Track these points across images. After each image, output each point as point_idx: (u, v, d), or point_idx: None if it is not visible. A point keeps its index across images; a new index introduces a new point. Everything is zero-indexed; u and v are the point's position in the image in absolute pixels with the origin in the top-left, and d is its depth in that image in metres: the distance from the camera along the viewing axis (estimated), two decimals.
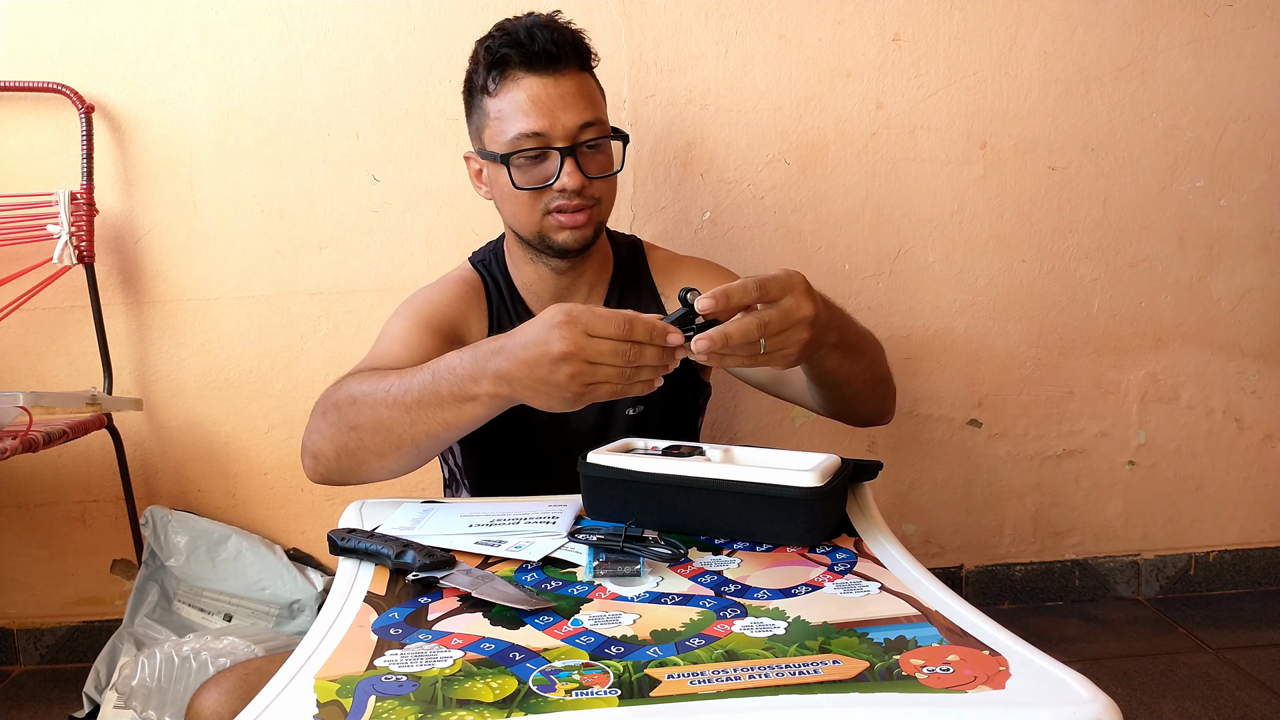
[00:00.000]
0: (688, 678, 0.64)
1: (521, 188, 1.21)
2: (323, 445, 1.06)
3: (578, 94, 1.21)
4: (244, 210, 1.84)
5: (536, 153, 1.20)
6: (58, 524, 1.91)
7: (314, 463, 1.08)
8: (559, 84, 1.20)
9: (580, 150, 1.21)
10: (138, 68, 1.79)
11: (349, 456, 1.05)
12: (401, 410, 0.99)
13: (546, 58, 1.19)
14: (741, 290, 0.86)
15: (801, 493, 0.88)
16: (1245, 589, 2.13)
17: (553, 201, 1.22)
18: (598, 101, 1.26)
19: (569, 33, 1.23)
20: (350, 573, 0.86)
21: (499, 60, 1.21)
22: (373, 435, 1.02)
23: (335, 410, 1.05)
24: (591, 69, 1.27)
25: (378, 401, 1.02)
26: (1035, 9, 1.89)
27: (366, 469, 1.05)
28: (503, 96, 1.22)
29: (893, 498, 2.04)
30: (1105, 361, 2.03)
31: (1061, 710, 0.58)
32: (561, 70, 1.20)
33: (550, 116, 1.19)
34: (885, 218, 1.93)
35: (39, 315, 1.83)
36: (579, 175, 1.20)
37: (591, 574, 0.84)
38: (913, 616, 0.73)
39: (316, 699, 0.62)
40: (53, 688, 1.85)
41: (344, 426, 1.04)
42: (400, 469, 1.05)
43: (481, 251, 1.43)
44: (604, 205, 1.27)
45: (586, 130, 1.21)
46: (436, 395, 0.97)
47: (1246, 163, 1.98)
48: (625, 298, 1.37)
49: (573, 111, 1.20)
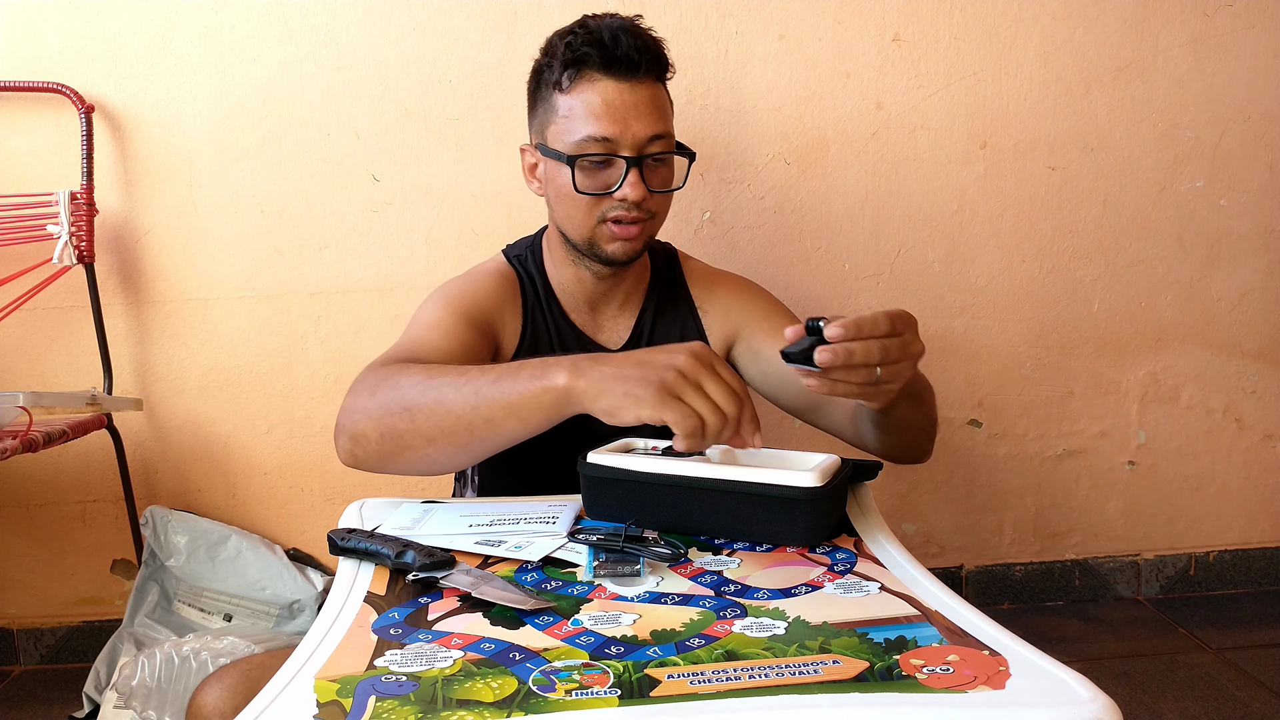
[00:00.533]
0: (688, 678, 0.63)
1: (583, 192, 1.18)
2: (366, 426, 1.01)
3: (651, 104, 1.18)
4: (244, 210, 1.84)
5: (602, 158, 1.18)
6: (58, 524, 1.91)
7: (352, 444, 1.03)
8: (635, 91, 1.17)
9: (646, 162, 1.18)
10: (138, 68, 1.79)
11: (394, 440, 1.00)
12: (470, 392, 0.96)
13: (627, 64, 1.16)
14: (872, 322, 0.87)
15: (801, 493, 0.88)
16: (1245, 589, 2.13)
17: (610, 210, 1.19)
18: (668, 114, 1.23)
19: (652, 41, 1.20)
20: (350, 573, 0.86)
21: (578, 58, 1.17)
22: (429, 417, 0.97)
23: (390, 389, 1.01)
24: (666, 80, 1.25)
25: (445, 383, 0.98)
26: (1035, 9, 1.89)
27: (408, 455, 1.00)
28: (575, 95, 1.18)
29: (893, 498, 2.04)
30: (1105, 361, 2.03)
31: (1062, 710, 0.58)
32: (639, 78, 1.17)
33: (622, 123, 1.16)
34: (885, 218, 1.93)
35: (39, 315, 1.83)
36: (641, 187, 1.17)
37: (591, 574, 0.84)
38: (913, 616, 0.73)
39: (316, 699, 0.62)
40: (53, 688, 1.85)
41: (397, 406, 0.99)
42: (442, 461, 1.00)
43: (517, 247, 1.39)
44: (657, 220, 1.25)
45: (655, 142, 1.18)
46: (514, 378, 0.94)
47: (1246, 163, 1.98)
48: (661, 308, 1.35)
49: (645, 121, 1.17)
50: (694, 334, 1.34)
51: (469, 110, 1.83)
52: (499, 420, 0.95)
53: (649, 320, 1.34)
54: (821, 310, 1.92)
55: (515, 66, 1.82)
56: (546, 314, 1.32)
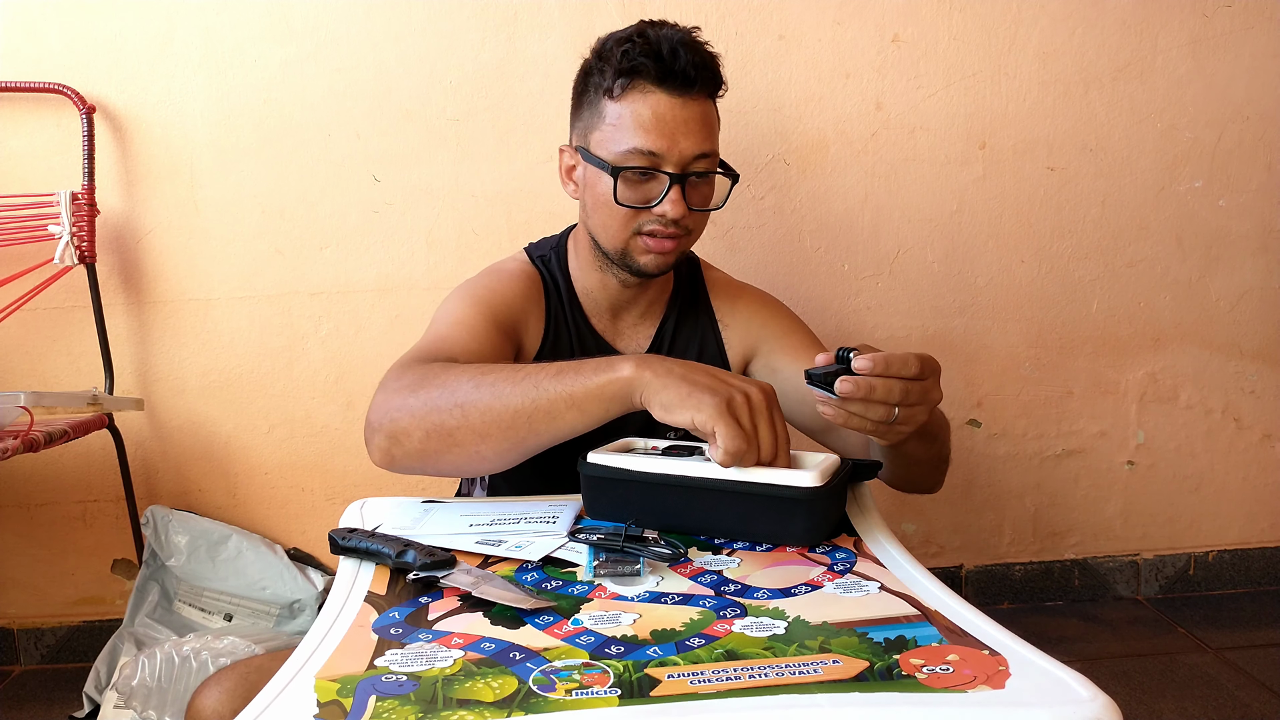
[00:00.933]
0: (688, 677, 0.64)
1: (623, 204, 1.17)
2: (409, 424, 0.98)
3: (701, 122, 1.17)
4: (245, 210, 1.84)
5: (646, 171, 1.16)
6: (58, 524, 1.91)
7: (391, 444, 1.00)
8: (686, 107, 1.16)
9: (689, 179, 1.17)
10: (139, 68, 1.79)
11: (444, 437, 0.97)
12: (530, 385, 0.95)
13: (683, 79, 1.15)
14: (902, 362, 0.89)
15: (801, 492, 0.88)
16: (1244, 589, 2.13)
17: (647, 224, 1.18)
18: (716, 133, 1.22)
19: (709, 57, 1.19)
20: (351, 572, 0.86)
21: (634, 68, 1.15)
22: (485, 413, 0.96)
23: (438, 386, 0.99)
24: (717, 98, 1.23)
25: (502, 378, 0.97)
26: (1034, 10, 1.89)
27: (456, 453, 0.98)
28: (626, 104, 1.16)
29: (892, 497, 2.02)
30: (1104, 361, 2.03)
31: (1061, 710, 0.58)
32: (693, 95, 1.16)
33: (670, 139, 1.15)
34: (885, 218, 1.94)
35: (40, 315, 1.83)
36: (682, 204, 1.16)
37: (591, 574, 0.84)
38: (912, 616, 0.73)
39: (317, 699, 0.62)
40: (53, 687, 1.85)
41: (447, 403, 0.97)
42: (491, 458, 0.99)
43: (541, 247, 1.36)
44: (693, 237, 1.24)
45: (700, 161, 1.17)
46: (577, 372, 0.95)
47: (1245, 163, 1.98)
48: (683, 318, 1.34)
49: (693, 139, 1.16)
50: (713, 346, 1.34)
51: (469, 110, 1.83)
52: (559, 412, 0.94)
53: (670, 330, 1.33)
54: (820, 310, 1.92)
55: (515, 67, 1.82)
56: (569, 318, 1.30)
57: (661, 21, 1.21)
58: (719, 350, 1.34)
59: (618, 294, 1.29)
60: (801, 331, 1.35)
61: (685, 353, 1.32)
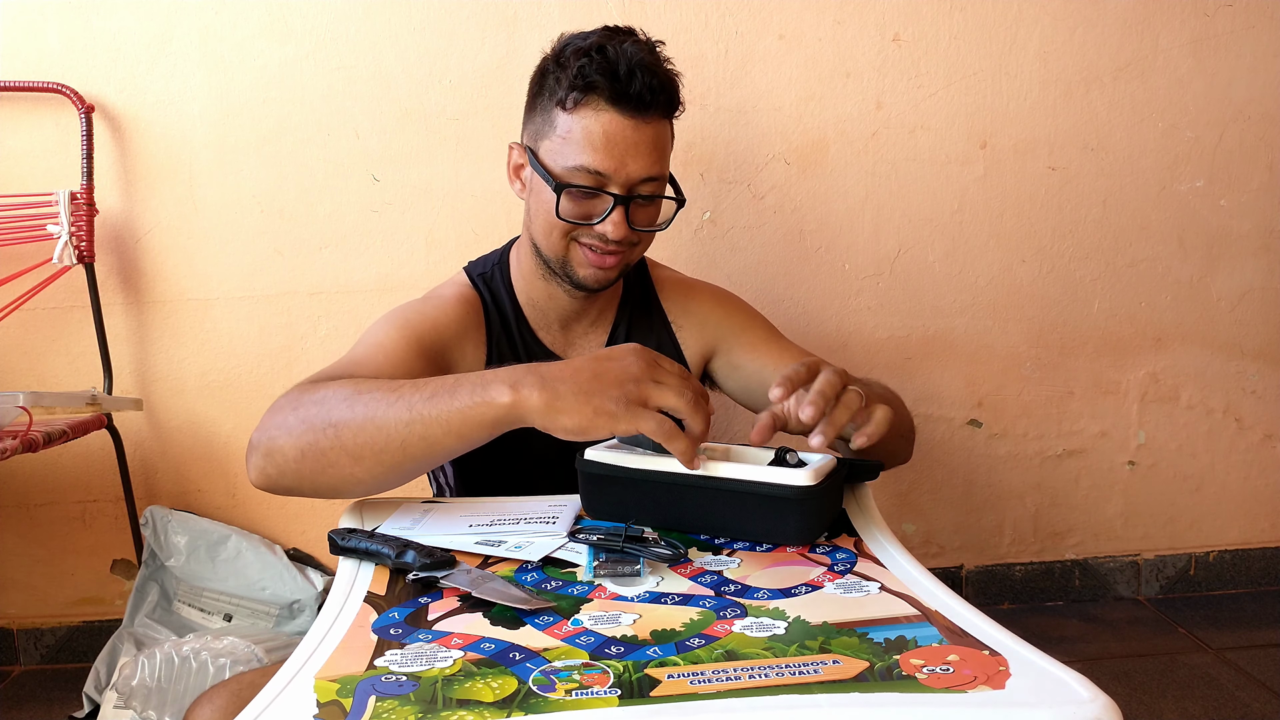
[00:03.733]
0: (688, 678, 0.63)
1: (564, 219, 1.15)
2: (284, 442, 0.95)
3: (652, 145, 1.14)
4: (244, 210, 1.84)
5: (590, 191, 1.14)
6: (58, 524, 1.91)
7: (265, 462, 0.97)
8: (638, 130, 1.13)
9: (634, 201, 1.15)
10: (138, 68, 1.79)
11: (317, 457, 0.94)
12: (404, 408, 0.91)
13: (637, 102, 1.12)
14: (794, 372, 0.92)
15: (795, 491, 0.88)
16: (1245, 589, 2.13)
17: (587, 236, 1.17)
18: (667, 156, 1.19)
19: (667, 80, 1.16)
20: (350, 573, 0.86)
21: (588, 84, 1.12)
22: (357, 434, 0.92)
23: (314, 405, 0.95)
24: (672, 119, 1.21)
25: (377, 398, 0.93)
26: (1035, 9, 1.89)
27: (331, 474, 0.95)
28: (577, 119, 1.13)
29: (893, 498, 2.04)
30: (1105, 361, 2.03)
31: (1062, 710, 0.58)
32: (646, 117, 1.13)
33: (618, 160, 1.12)
34: (885, 218, 1.93)
35: (39, 315, 1.83)
36: (624, 226, 1.14)
37: (591, 574, 0.84)
38: (913, 616, 0.73)
39: (316, 699, 0.62)
40: (53, 688, 1.85)
41: (321, 423, 0.94)
42: (367, 480, 0.95)
43: (481, 264, 1.33)
44: (637, 250, 1.22)
45: (646, 184, 1.15)
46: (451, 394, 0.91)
47: (1246, 163, 1.98)
48: (634, 323, 1.31)
49: (642, 162, 1.13)
50: (669, 348, 1.31)
51: (469, 110, 1.83)
52: (436, 439, 0.91)
53: (621, 336, 1.30)
54: (820, 310, 1.93)
55: (515, 67, 1.82)
56: (515, 335, 1.27)
57: (626, 31, 1.18)
58: (675, 351, 1.31)
59: (565, 304, 1.25)
60: (760, 324, 1.33)
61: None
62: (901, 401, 1.21)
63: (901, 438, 1.20)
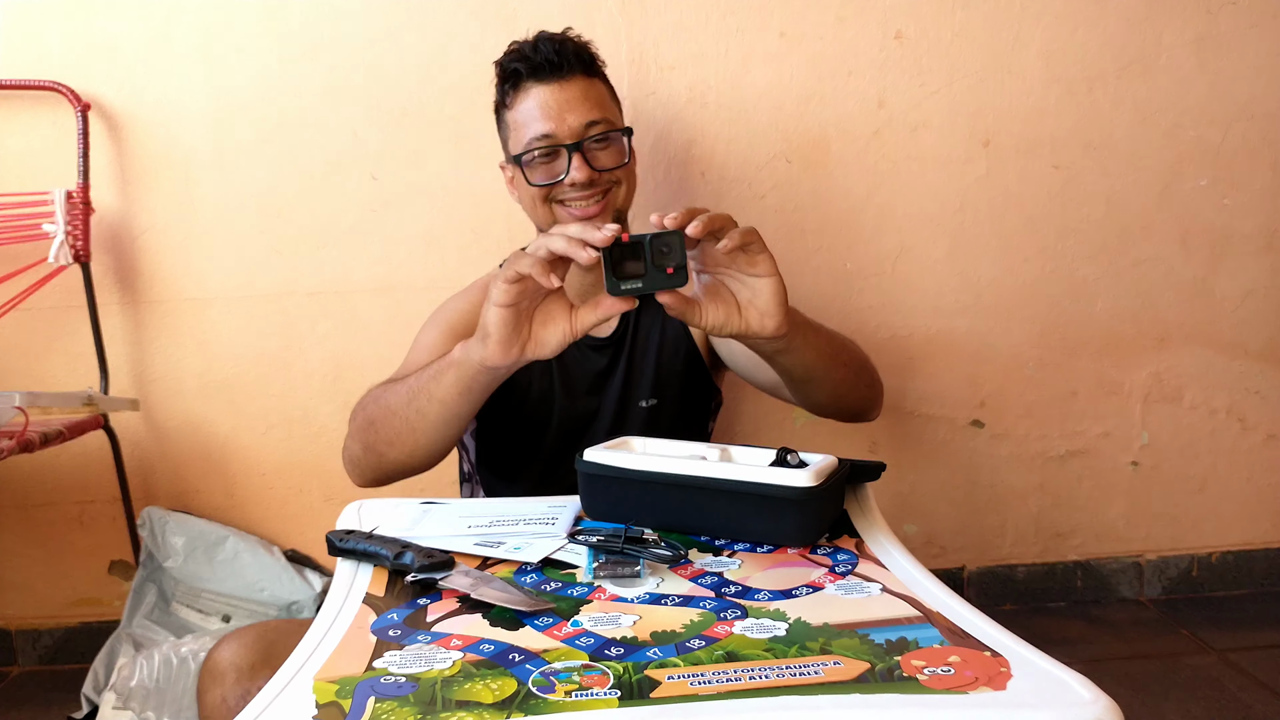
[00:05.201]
0: (688, 679, 0.63)
1: (534, 184, 1.31)
2: (354, 447, 1.19)
3: (583, 97, 1.30)
4: (242, 210, 1.83)
5: (547, 150, 1.29)
6: (55, 525, 1.91)
7: (351, 466, 1.21)
8: (564, 89, 1.30)
9: (587, 146, 1.29)
10: (135, 66, 1.78)
11: (370, 451, 1.16)
12: (405, 394, 1.09)
13: (550, 66, 1.29)
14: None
15: (795, 492, 0.88)
16: (1248, 590, 2.12)
17: (564, 194, 1.30)
18: (605, 102, 1.35)
19: (571, 42, 1.33)
20: (349, 574, 0.86)
21: (510, 74, 1.33)
22: (383, 425, 1.13)
23: (361, 411, 1.18)
24: (598, 74, 1.36)
25: (390, 394, 1.13)
26: (1038, 7, 1.89)
27: (384, 463, 1.16)
28: (517, 107, 1.32)
29: (894, 498, 2.03)
30: (1108, 361, 2.02)
31: (1063, 712, 0.59)
32: (566, 76, 1.30)
33: (557, 118, 1.29)
34: (887, 216, 1.93)
35: (35, 315, 1.82)
36: (587, 169, 1.28)
37: (591, 575, 0.84)
38: (914, 618, 0.73)
39: (315, 700, 0.62)
40: (51, 689, 1.84)
41: (365, 423, 1.16)
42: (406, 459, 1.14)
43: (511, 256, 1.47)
44: (624, 188, 1.35)
45: (593, 128, 1.30)
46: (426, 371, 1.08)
47: (1250, 162, 1.98)
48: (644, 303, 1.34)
49: (578, 112, 1.29)
50: (676, 326, 1.42)
51: (468, 109, 1.82)
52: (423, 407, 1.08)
53: (632, 316, 1.41)
54: (822, 310, 1.92)
55: None
56: None
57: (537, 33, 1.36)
58: (682, 329, 1.42)
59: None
60: None
61: (649, 337, 1.42)
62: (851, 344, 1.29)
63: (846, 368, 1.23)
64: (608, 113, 1.33)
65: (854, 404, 1.29)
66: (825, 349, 1.16)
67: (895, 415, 1.99)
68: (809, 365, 1.15)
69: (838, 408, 1.28)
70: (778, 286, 0.97)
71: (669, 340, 1.43)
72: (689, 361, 1.45)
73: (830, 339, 1.19)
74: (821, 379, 1.20)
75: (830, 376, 1.20)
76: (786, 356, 1.11)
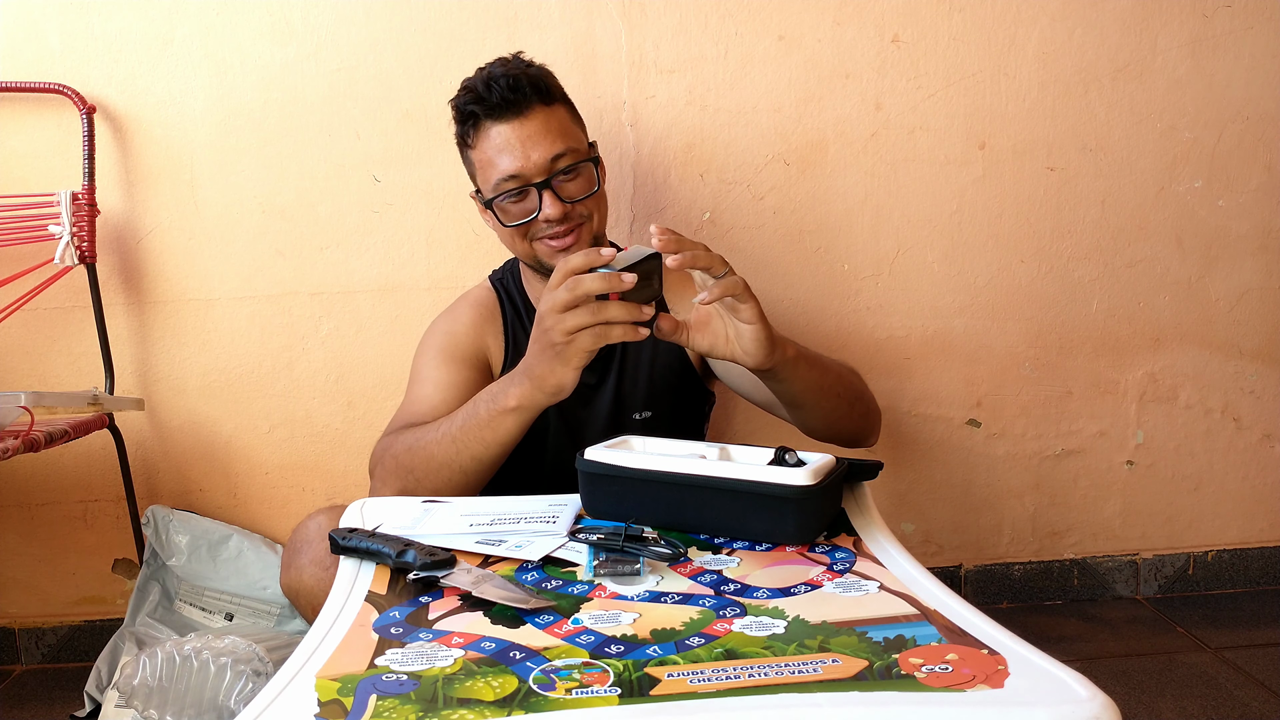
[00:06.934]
0: (687, 676, 0.64)
1: (508, 225, 1.31)
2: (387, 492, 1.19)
3: (544, 130, 1.28)
4: (245, 210, 1.84)
5: (517, 191, 1.29)
6: (59, 523, 1.91)
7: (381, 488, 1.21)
8: (524, 125, 1.28)
9: (556, 181, 1.29)
10: (139, 68, 1.79)
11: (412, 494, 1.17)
12: (449, 442, 1.13)
13: (506, 104, 1.27)
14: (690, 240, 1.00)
15: (793, 491, 0.89)
16: (1244, 588, 2.13)
17: (540, 231, 1.30)
18: (568, 130, 1.32)
19: (525, 75, 1.30)
20: (351, 572, 0.87)
21: (467, 116, 1.32)
22: (425, 474, 1.15)
23: (393, 461, 1.19)
24: (557, 99, 1.34)
25: (429, 442, 1.15)
26: (1034, 10, 1.89)
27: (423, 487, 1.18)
28: (479, 148, 1.32)
29: (891, 497, 2.04)
30: (1104, 361, 2.03)
31: (1060, 709, 0.59)
32: (524, 111, 1.28)
33: (522, 157, 1.27)
34: (884, 218, 1.94)
35: (40, 315, 1.83)
36: (559, 204, 1.28)
37: (591, 573, 0.85)
38: (912, 615, 0.73)
39: (318, 698, 0.63)
40: (54, 687, 1.85)
41: (401, 473, 1.18)
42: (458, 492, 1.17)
43: (500, 270, 1.53)
44: (595, 219, 1.34)
45: (559, 160, 1.28)
46: (476, 419, 1.11)
47: (1245, 163, 1.98)
48: None
49: (541, 148, 1.27)
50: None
51: None
52: (479, 453, 1.12)
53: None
54: (820, 311, 1.93)
55: None
56: (527, 328, 1.41)
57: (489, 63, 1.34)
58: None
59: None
60: None
61: (639, 350, 1.43)
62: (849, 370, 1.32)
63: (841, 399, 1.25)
64: (571, 140, 1.31)
65: (847, 432, 1.30)
66: (817, 381, 1.18)
67: (892, 415, 1.99)
68: (797, 394, 1.17)
69: (830, 434, 1.29)
70: (760, 334, 1.01)
71: (661, 351, 1.43)
72: (683, 373, 1.46)
73: (824, 371, 1.20)
74: (812, 407, 1.21)
75: (820, 406, 1.21)
76: (775, 383, 1.14)
